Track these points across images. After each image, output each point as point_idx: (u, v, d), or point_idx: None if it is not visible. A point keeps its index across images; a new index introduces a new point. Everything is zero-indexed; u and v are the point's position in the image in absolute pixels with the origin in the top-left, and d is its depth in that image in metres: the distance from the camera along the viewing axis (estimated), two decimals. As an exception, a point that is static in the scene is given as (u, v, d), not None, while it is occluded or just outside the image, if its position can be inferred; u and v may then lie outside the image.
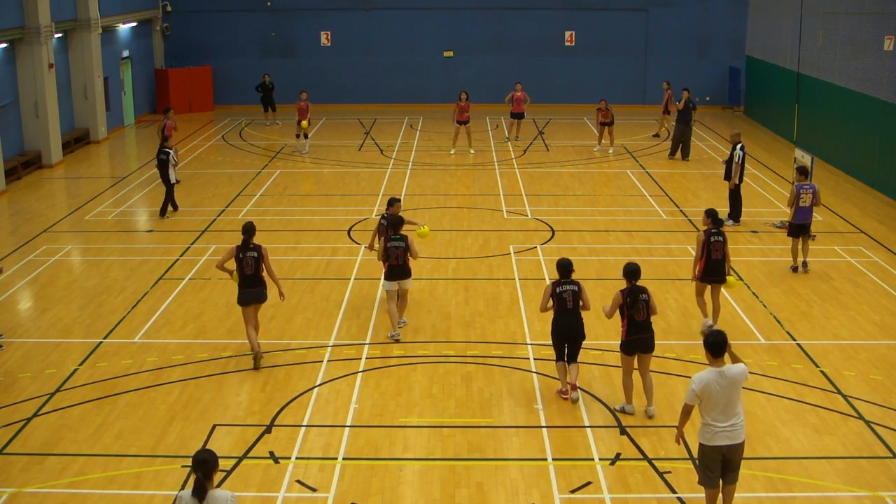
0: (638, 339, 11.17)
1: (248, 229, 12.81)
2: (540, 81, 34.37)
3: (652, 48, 35.26)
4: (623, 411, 11.40)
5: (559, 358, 11.74)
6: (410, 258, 13.56)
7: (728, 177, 19.50)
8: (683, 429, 9.04)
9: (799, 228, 16.60)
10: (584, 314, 11.65)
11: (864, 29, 23.52)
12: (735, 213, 19.66)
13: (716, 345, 8.73)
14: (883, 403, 11.73)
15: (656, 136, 29.61)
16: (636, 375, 11.45)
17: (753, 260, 17.31)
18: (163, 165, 20.23)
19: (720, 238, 13.47)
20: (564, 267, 11.64)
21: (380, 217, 14.79)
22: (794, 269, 16.70)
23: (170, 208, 20.53)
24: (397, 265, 13.43)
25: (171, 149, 20.43)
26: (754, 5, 32.72)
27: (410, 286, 13.92)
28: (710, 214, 13.73)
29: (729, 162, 19.49)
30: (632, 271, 11.23)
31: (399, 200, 14.65)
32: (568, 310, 11.47)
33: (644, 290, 11.16)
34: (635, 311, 11.09)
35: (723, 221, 14.10)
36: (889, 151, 22.06)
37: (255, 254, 12.59)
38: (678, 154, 26.15)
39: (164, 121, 22.69)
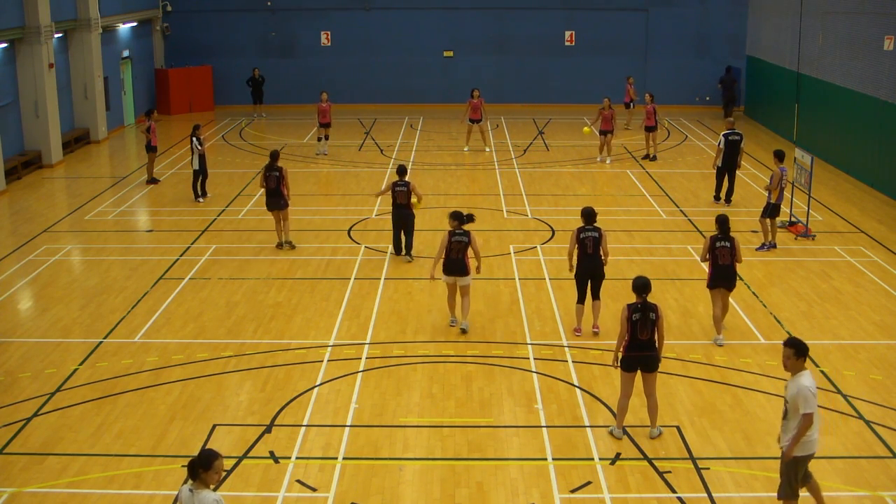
0: (638, 357, 10.43)
1: (274, 155, 17.70)
2: (540, 81, 34.31)
3: (652, 48, 35.24)
4: (611, 434, 10.75)
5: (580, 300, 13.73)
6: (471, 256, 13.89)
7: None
8: None
9: (778, 209, 17.75)
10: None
11: (864, 29, 23.51)
12: (718, 194, 21.41)
13: (801, 344, 8.54)
14: (883, 403, 11.73)
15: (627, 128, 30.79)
16: (640, 394, 10.88)
17: (753, 260, 17.30)
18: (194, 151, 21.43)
19: (727, 244, 13.15)
20: (588, 215, 13.40)
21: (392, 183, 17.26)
22: (773, 247, 17.77)
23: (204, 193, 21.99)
24: (456, 259, 13.73)
25: (197, 137, 21.37)
26: (754, 5, 32.71)
27: (468, 283, 13.88)
28: (718, 221, 13.34)
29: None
30: (641, 285, 10.44)
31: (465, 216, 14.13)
32: (589, 254, 13.37)
33: (655, 310, 10.36)
34: (640, 330, 10.32)
35: (728, 228, 13.32)
36: (889, 151, 22.05)
37: (277, 174, 17.34)
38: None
39: (149, 122, 23.15)
